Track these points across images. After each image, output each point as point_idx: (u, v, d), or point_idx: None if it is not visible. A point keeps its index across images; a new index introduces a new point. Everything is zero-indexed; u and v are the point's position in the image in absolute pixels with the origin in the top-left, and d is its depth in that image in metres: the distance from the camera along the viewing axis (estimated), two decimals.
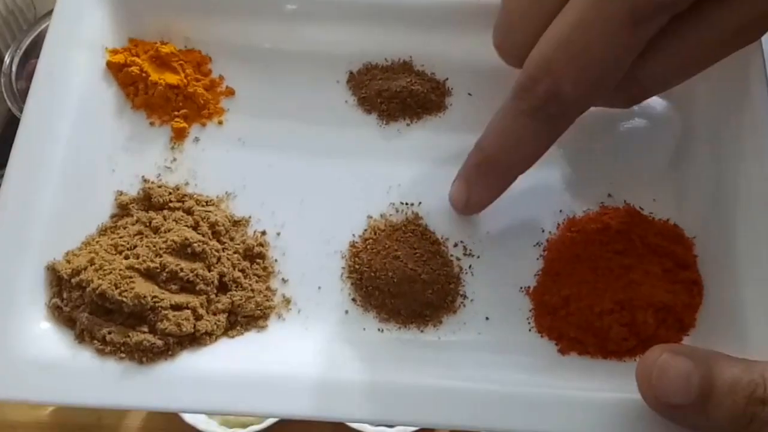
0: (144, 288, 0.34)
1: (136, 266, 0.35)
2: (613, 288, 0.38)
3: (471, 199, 0.39)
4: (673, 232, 0.41)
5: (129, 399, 0.33)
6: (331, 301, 0.39)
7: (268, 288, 0.38)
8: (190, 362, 0.34)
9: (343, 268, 0.40)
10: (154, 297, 0.34)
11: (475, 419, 0.33)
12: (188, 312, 0.35)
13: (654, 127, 0.43)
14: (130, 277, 0.35)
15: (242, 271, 0.38)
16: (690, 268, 0.40)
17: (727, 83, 0.42)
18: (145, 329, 0.34)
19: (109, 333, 0.34)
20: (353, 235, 0.40)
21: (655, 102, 0.44)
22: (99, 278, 0.35)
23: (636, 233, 0.41)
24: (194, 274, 0.36)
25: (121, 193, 0.40)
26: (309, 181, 0.42)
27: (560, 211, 0.42)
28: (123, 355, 0.33)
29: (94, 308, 0.34)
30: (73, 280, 0.35)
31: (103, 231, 0.39)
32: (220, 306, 0.36)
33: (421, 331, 0.38)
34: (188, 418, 0.64)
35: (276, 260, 0.39)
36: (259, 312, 0.37)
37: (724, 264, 0.39)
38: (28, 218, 0.37)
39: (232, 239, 0.39)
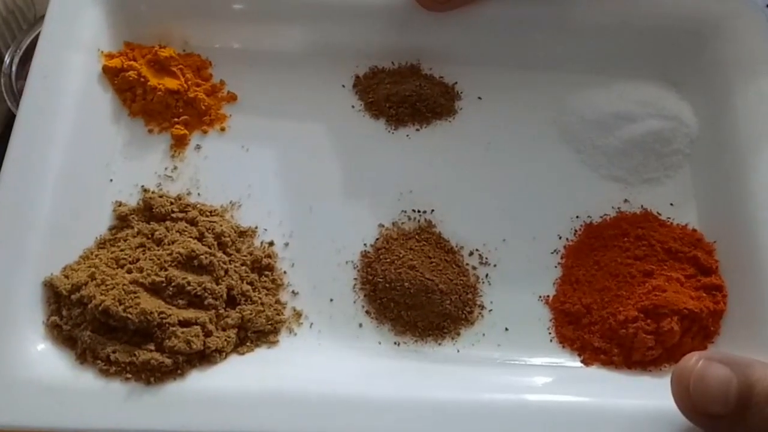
0: (150, 303, 0.33)
1: (141, 280, 0.33)
2: (636, 295, 0.37)
3: None
4: (693, 237, 0.40)
5: (137, 422, 0.30)
6: (344, 313, 0.37)
7: (278, 301, 0.36)
8: (201, 382, 0.32)
9: (356, 278, 0.38)
10: (161, 313, 0.32)
11: None
12: (197, 328, 0.33)
13: (670, 131, 0.42)
14: (135, 293, 0.33)
15: (251, 284, 0.36)
16: (712, 273, 0.39)
17: (744, 86, 0.41)
18: (152, 347, 0.32)
19: (114, 352, 0.32)
20: (365, 244, 0.39)
21: (671, 105, 0.43)
22: (101, 294, 0.33)
23: (655, 238, 0.39)
24: (202, 287, 0.34)
25: (119, 204, 0.38)
26: (317, 189, 0.40)
27: (576, 217, 0.41)
28: (129, 375, 0.31)
29: (96, 326, 0.32)
30: (73, 297, 0.33)
31: (102, 243, 0.37)
32: (229, 321, 0.34)
33: (439, 344, 0.36)
34: None
35: (285, 272, 0.38)
36: (269, 327, 0.35)
37: (747, 268, 0.38)
38: (23, 231, 0.34)
39: (238, 251, 0.37)
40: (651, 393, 0.34)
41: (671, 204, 0.41)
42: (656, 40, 0.44)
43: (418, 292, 0.36)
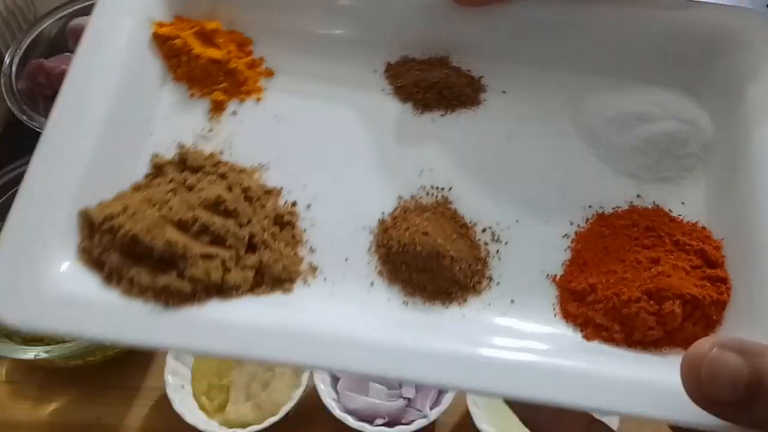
0: (175, 236, 0.35)
1: (169, 217, 0.35)
2: (642, 279, 0.38)
3: None
4: (702, 233, 0.41)
5: (153, 337, 0.32)
6: (357, 272, 0.39)
7: (295, 254, 0.38)
8: (216, 310, 0.34)
9: (371, 242, 0.40)
10: (185, 245, 0.34)
11: (492, 384, 0.33)
12: (218, 262, 0.35)
13: (685, 134, 0.44)
14: (162, 226, 0.35)
15: (272, 234, 0.38)
16: (718, 266, 0.40)
17: (760, 98, 0.43)
18: (174, 275, 0.34)
19: (137, 275, 0.34)
20: (383, 212, 0.41)
21: (689, 110, 0.45)
22: (131, 224, 0.35)
23: (664, 231, 0.41)
24: (225, 229, 0.36)
25: (157, 156, 0.41)
26: (342, 159, 0.42)
27: (590, 206, 0.42)
28: (149, 296, 0.33)
29: (123, 252, 0.34)
30: (105, 225, 0.35)
31: (136, 187, 0.39)
32: (248, 263, 0.36)
33: (446, 307, 0.38)
34: (188, 418, 0.64)
35: (305, 230, 0.40)
36: (285, 275, 0.37)
37: (753, 266, 0.39)
38: (66, 167, 0.37)
39: (263, 206, 0.39)
40: (650, 367, 0.35)
41: (682, 203, 0.43)
42: (679, 49, 0.46)
43: (429, 257, 0.38)
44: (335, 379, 0.68)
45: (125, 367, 0.74)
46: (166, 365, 0.68)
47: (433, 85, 0.45)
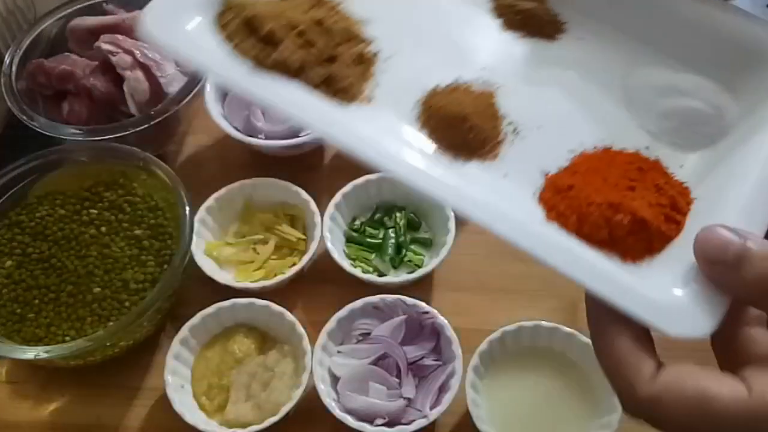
0: (279, 28, 0.47)
1: (282, 16, 0.48)
2: (612, 194, 0.47)
3: None
4: (683, 189, 0.49)
5: (238, 81, 0.46)
6: (399, 112, 0.50)
7: (362, 83, 0.50)
8: (288, 85, 0.47)
9: (420, 99, 0.51)
10: (283, 36, 0.47)
11: (459, 202, 0.45)
12: (300, 55, 0.47)
13: (708, 116, 0.51)
14: (274, 19, 0.48)
15: (351, 62, 0.50)
16: (680, 212, 0.47)
17: None
18: (268, 50, 0.47)
19: (244, 41, 0.47)
20: (438, 84, 0.52)
21: (723, 100, 0.52)
22: (254, 10, 0.48)
23: (651, 176, 0.49)
24: (316, 39, 0.48)
25: None
26: (428, 37, 0.54)
27: (603, 140, 0.51)
28: (247, 58, 0.46)
29: (242, 25, 0.48)
30: (237, 7, 0.49)
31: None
32: (322, 70, 0.48)
33: (451, 160, 0.48)
34: (188, 418, 0.67)
35: (377, 73, 0.51)
36: (347, 91, 0.49)
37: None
38: None
39: (353, 45, 0.51)
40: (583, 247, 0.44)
41: (681, 166, 0.50)
42: (730, 51, 0.53)
43: (454, 118, 0.49)
44: (335, 379, 0.72)
45: (125, 367, 0.74)
46: (166, 365, 0.69)
47: (523, 11, 0.55)
